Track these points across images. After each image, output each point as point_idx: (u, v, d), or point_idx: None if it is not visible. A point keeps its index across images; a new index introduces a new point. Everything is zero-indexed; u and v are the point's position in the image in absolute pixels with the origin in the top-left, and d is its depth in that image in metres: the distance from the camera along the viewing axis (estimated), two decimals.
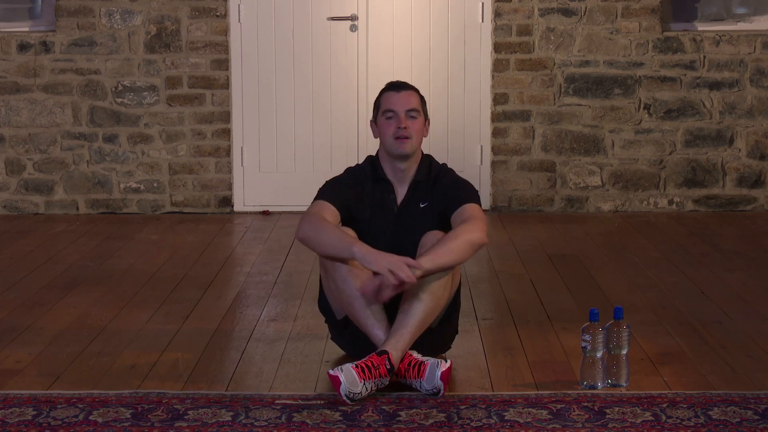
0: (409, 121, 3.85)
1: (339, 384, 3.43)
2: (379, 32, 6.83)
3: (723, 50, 6.79)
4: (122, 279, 5.21)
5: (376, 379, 3.48)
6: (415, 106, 3.87)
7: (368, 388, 3.48)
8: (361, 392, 3.47)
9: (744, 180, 6.87)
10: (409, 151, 3.85)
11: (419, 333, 3.61)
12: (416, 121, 3.86)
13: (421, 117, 3.89)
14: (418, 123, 3.86)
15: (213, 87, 6.84)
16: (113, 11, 6.76)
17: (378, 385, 3.51)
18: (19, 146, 6.85)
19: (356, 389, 3.45)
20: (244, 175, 6.94)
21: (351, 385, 3.44)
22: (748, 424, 3.29)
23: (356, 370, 3.45)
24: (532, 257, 5.64)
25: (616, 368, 3.62)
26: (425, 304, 3.61)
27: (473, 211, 3.76)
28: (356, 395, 3.46)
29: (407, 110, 3.86)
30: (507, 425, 3.29)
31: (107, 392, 3.57)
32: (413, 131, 3.84)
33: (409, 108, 3.86)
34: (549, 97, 6.83)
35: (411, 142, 3.83)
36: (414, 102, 3.88)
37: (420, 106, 3.90)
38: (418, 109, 3.88)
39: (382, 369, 3.48)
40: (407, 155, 3.86)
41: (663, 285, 5.03)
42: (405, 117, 3.85)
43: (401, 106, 3.86)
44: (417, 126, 3.85)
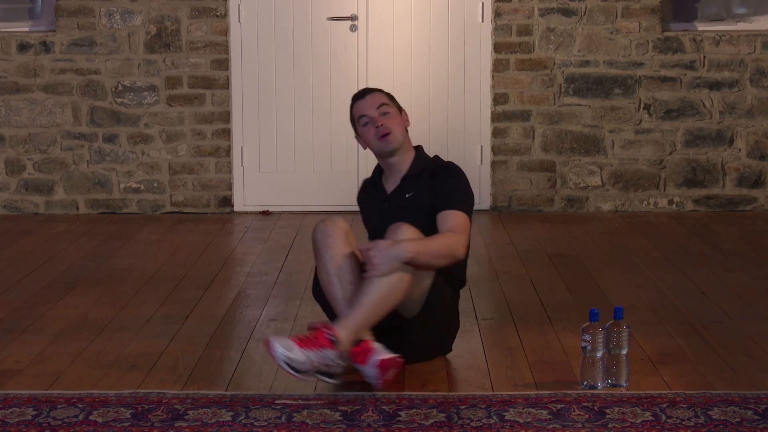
0: (384, 117, 3.96)
1: (272, 349, 3.46)
2: (379, 32, 6.83)
3: (723, 50, 6.79)
4: (122, 279, 5.21)
5: (317, 349, 3.50)
6: (383, 101, 4.00)
7: (311, 359, 3.49)
8: (305, 362, 3.48)
9: (744, 180, 6.88)
10: (395, 144, 3.95)
11: (374, 315, 3.63)
12: (390, 115, 3.97)
13: (394, 109, 4.00)
14: (393, 116, 3.98)
15: (213, 87, 6.84)
16: (113, 11, 6.76)
17: (324, 358, 3.51)
18: (19, 146, 6.85)
19: (294, 356, 3.47)
20: (244, 175, 6.94)
21: (287, 350, 3.46)
22: (748, 424, 3.29)
23: (293, 338, 3.51)
24: (532, 257, 5.64)
25: (616, 368, 3.62)
26: (379, 288, 3.64)
27: (459, 223, 3.80)
28: (298, 364, 3.47)
29: (377, 108, 3.98)
30: (507, 425, 3.29)
31: (107, 392, 3.57)
32: (391, 124, 3.95)
33: (377, 105, 3.98)
34: (549, 97, 6.83)
35: (394, 135, 3.95)
36: (380, 99, 4.01)
37: (389, 100, 4.03)
38: (387, 102, 4.00)
39: (322, 339, 3.52)
40: (394, 149, 3.96)
41: (663, 285, 5.03)
42: (378, 115, 3.97)
43: (371, 107, 4.00)
44: (393, 120, 3.97)
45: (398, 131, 3.95)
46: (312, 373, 3.53)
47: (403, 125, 3.99)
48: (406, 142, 4.00)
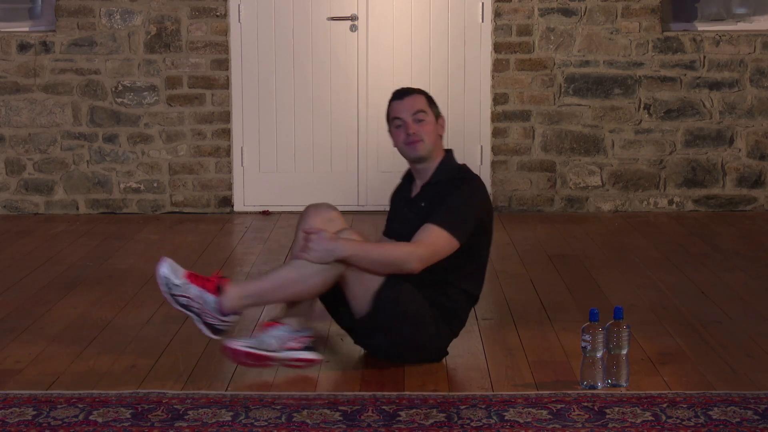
0: (417, 124, 3.88)
1: (159, 265, 3.67)
2: (379, 32, 6.83)
3: (723, 50, 6.79)
4: (122, 279, 5.21)
5: (199, 287, 3.67)
6: (420, 107, 3.90)
7: (189, 292, 3.66)
8: (182, 289, 3.65)
9: (744, 180, 6.88)
10: (423, 153, 3.89)
11: (272, 291, 3.72)
12: (425, 122, 3.88)
13: (431, 116, 3.91)
14: (427, 124, 3.89)
15: (213, 87, 6.84)
16: (113, 11, 6.76)
17: (201, 299, 3.65)
18: (19, 146, 6.85)
19: (175, 281, 3.66)
20: (244, 175, 6.94)
21: (172, 272, 3.66)
22: (748, 424, 3.29)
23: (188, 270, 3.71)
24: (532, 257, 5.64)
25: (616, 368, 3.62)
26: (286, 272, 3.73)
27: (429, 239, 3.70)
28: (174, 287, 3.65)
29: (413, 114, 3.89)
30: (507, 425, 3.29)
31: (107, 392, 3.58)
32: (424, 133, 3.87)
33: (414, 111, 3.89)
34: (549, 97, 6.83)
35: (424, 144, 3.88)
36: (419, 104, 3.90)
37: (427, 106, 3.92)
38: (425, 109, 3.90)
39: (211, 284, 3.68)
40: (422, 157, 3.91)
41: (663, 285, 5.03)
42: (412, 121, 3.88)
43: (407, 111, 3.90)
44: (427, 127, 3.88)
45: (429, 140, 3.88)
46: (188, 309, 3.69)
47: (436, 133, 3.92)
48: (437, 149, 3.93)
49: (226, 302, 3.70)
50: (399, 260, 3.68)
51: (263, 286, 3.76)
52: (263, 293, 3.76)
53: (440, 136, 3.95)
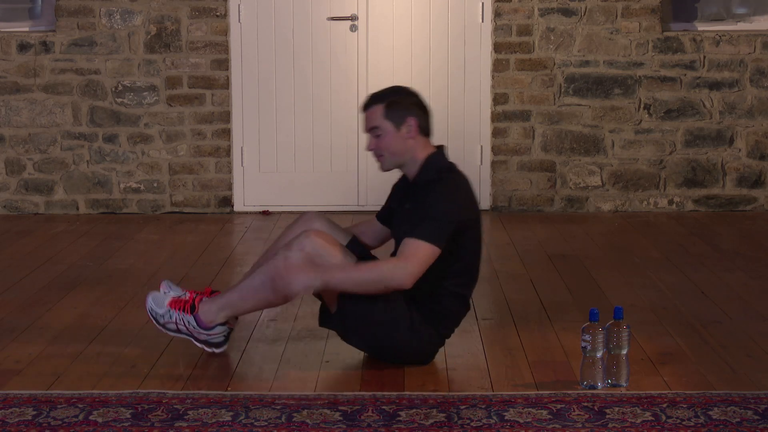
0: (375, 140, 3.83)
1: (146, 299, 3.94)
2: (379, 32, 6.83)
3: (723, 50, 6.79)
4: (122, 279, 5.21)
5: (179, 311, 3.87)
6: (373, 123, 3.82)
7: (174, 319, 3.88)
8: (167, 316, 3.88)
9: (744, 180, 6.88)
10: (388, 167, 3.88)
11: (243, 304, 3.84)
12: (382, 137, 3.82)
13: (388, 127, 3.81)
14: (384, 139, 3.81)
15: (213, 87, 6.84)
16: (113, 11, 6.76)
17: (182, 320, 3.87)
18: (19, 146, 6.85)
19: (159, 311, 3.90)
20: (244, 175, 6.94)
21: (155, 305, 3.91)
22: (748, 424, 3.29)
23: (173, 297, 3.92)
24: (532, 257, 5.64)
25: (616, 368, 3.62)
26: (251, 280, 3.82)
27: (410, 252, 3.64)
28: (160, 317, 3.90)
29: (368, 131, 3.85)
30: (507, 425, 3.29)
31: (107, 392, 3.58)
32: (381, 148, 3.83)
33: (369, 128, 3.84)
34: (549, 97, 6.83)
35: (385, 159, 3.85)
36: (372, 119, 3.83)
37: (383, 118, 3.81)
38: (377, 125, 3.81)
39: (187, 305, 3.87)
40: (388, 170, 3.91)
41: (663, 285, 5.03)
42: (371, 137, 3.85)
43: (365, 126, 3.87)
44: (384, 141, 3.81)
45: (390, 154, 3.81)
46: (179, 333, 3.91)
47: (398, 142, 3.80)
48: (412, 153, 3.83)
49: (203, 318, 3.86)
50: (386, 278, 3.64)
51: (233, 297, 3.86)
52: (234, 304, 3.86)
53: (412, 137, 3.83)
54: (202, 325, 3.87)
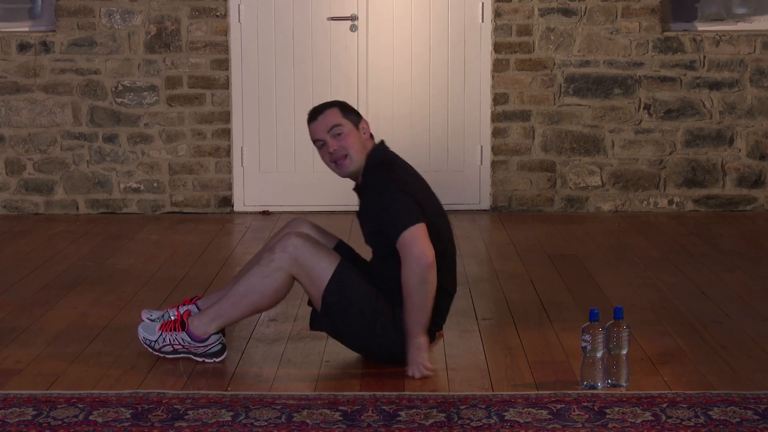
0: (337, 139, 3.84)
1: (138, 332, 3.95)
2: (379, 32, 6.83)
3: (723, 50, 6.79)
4: (122, 279, 5.21)
5: (170, 332, 3.88)
6: (334, 122, 3.84)
7: (168, 341, 3.88)
8: (160, 341, 3.89)
9: (744, 180, 6.88)
10: (352, 168, 3.88)
11: (231, 311, 3.84)
12: (344, 135, 3.84)
13: (349, 126, 3.85)
14: (347, 136, 3.84)
15: (213, 87, 6.84)
16: (113, 11, 6.76)
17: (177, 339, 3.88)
18: (19, 146, 6.85)
19: (152, 338, 3.91)
20: (244, 175, 6.94)
21: (147, 333, 3.93)
22: (748, 424, 3.29)
23: (162, 322, 3.94)
24: (532, 257, 5.64)
25: (616, 368, 3.62)
26: (237, 287, 3.84)
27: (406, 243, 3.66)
28: (155, 343, 3.90)
29: (329, 130, 3.84)
30: (507, 425, 3.29)
31: (107, 392, 3.58)
32: (347, 147, 3.84)
33: (329, 127, 3.84)
34: (549, 97, 6.83)
35: (350, 159, 3.86)
36: (332, 119, 3.85)
37: (341, 117, 3.85)
38: (339, 122, 3.84)
39: (177, 324, 3.89)
40: (351, 173, 3.91)
41: (663, 285, 5.03)
42: (331, 138, 3.84)
43: (322, 130, 3.86)
44: (348, 139, 3.84)
45: (355, 152, 3.84)
46: (177, 353, 3.90)
47: (359, 141, 3.85)
48: (366, 153, 3.88)
49: (196, 332, 3.88)
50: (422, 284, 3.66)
51: (222, 307, 3.87)
52: (225, 313, 3.87)
53: (367, 137, 3.90)
54: (197, 339, 3.87)
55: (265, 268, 3.77)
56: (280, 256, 3.74)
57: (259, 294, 3.78)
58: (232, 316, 3.87)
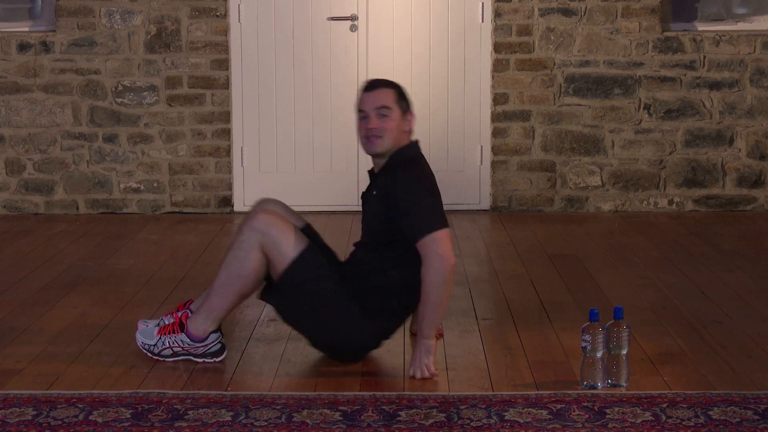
0: (380, 120, 3.82)
1: (136, 337, 3.95)
2: (379, 32, 6.83)
3: (723, 50, 6.79)
4: (122, 279, 5.21)
5: (169, 335, 3.88)
6: (385, 103, 3.82)
7: (167, 344, 3.88)
8: (159, 344, 3.89)
9: (744, 180, 6.88)
10: (380, 150, 3.85)
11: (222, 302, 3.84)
12: (388, 118, 3.82)
13: (396, 112, 3.83)
14: (390, 120, 3.82)
15: (213, 87, 6.84)
16: (113, 11, 6.76)
17: (176, 341, 3.86)
18: (19, 146, 6.85)
19: (150, 342, 3.91)
20: (244, 175, 6.94)
21: (145, 337, 3.92)
22: (748, 424, 3.29)
23: (159, 326, 3.93)
24: (532, 257, 5.64)
25: (616, 368, 3.62)
26: (219, 278, 3.84)
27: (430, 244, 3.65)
28: (153, 347, 3.90)
29: (376, 108, 3.82)
30: (507, 425, 3.29)
31: (107, 392, 3.58)
32: (384, 129, 3.81)
33: (378, 106, 3.82)
34: (549, 97, 6.83)
35: (382, 141, 3.82)
36: (385, 99, 3.83)
37: (394, 102, 3.84)
38: (389, 105, 3.82)
39: (175, 326, 3.88)
40: (378, 154, 3.87)
41: (663, 285, 5.03)
42: (375, 116, 3.82)
43: (371, 105, 3.83)
44: (389, 123, 3.82)
45: (389, 137, 3.82)
46: (177, 355, 3.89)
47: (399, 129, 3.84)
48: (399, 143, 3.86)
49: (194, 332, 3.88)
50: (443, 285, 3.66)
51: (212, 302, 3.88)
52: (216, 307, 3.87)
53: (407, 131, 3.89)
54: (196, 339, 3.87)
55: (239, 252, 3.78)
56: (249, 235, 3.77)
57: (240, 278, 3.79)
58: (224, 308, 3.87)
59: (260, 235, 3.76)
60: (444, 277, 3.65)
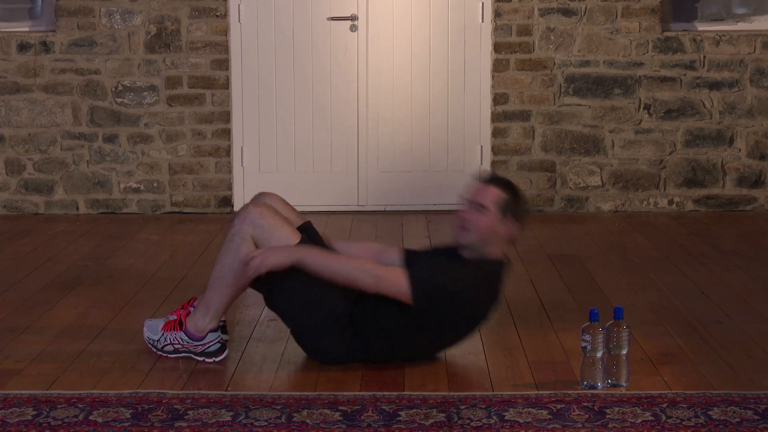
0: (473, 213, 3.76)
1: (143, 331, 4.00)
2: (379, 32, 6.83)
3: (723, 50, 6.79)
4: (122, 279, 5.21)
5: (171, 332, 3.91)
6: (484, 201, 3.74)
7: (168, 341, 3.90)
8: (162, 340, 3.92)
9: (744, 180, 6.88)
10: (462, 241, 3.80)
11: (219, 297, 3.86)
12: (481, 216, 3.74)
13: (493, 215, 3.73)
14: (483, 219, 3.74)
15: (213, 87, 6.84)
16: (113, 11, 6.76)
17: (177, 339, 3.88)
18: (19, 146, 6.85)
19: (154, 337, 3.94)
20: (244, 175, 6.94)
21: (150, 332, 3.96)
22: (748, 424, 3.29)
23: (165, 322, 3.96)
24: (532, 257, 5.64)
25: (616, 368, 3.62)
26: (214, 273, 3.86)
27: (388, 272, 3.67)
28: (157, 343, 3.93)
29: (475, 201, 3.76)
30: (507, 425, 3.29)
31: (107, 392, 3.58)
32: (474, 224, 3.75)
33: (477, 201, 3.76)
34: (549, 97, 6.83)
35: (467, 234, 3.77)
36: (486, 197, 3.75)
37: (495, 203, 3.74)
38: (487, 205, 3.73)
39: (176, 323, 3.91)
40: (461, 245, 3.82)
41: (663, 285, 5.03)
42: (471, 208, 3.76)
43: (472, 196, 3.79)
44: (480, 221, 3.75)
45: (476, 234, 3.75)
46: (179, 352, 3.91)
47: (492, 231, 3.74)
48: (487, 246, 3.77)
49: (193, 330, 3.89)
50: (355, 274, 3.68)
51: (209, 297, 3.89)
52: (213, 302, 3.88)
53: (503, 237, 3.78)
54: (195, 337, 3.88)
55: (230, 244, 3.80)
56: (240, 228, 3.79)
57: (233, 270, 3.80)
58: (221, 302, 3.87)
59: (252, 228, 3.78)
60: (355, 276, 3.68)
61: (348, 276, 3.71)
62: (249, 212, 3.81)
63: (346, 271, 3.71)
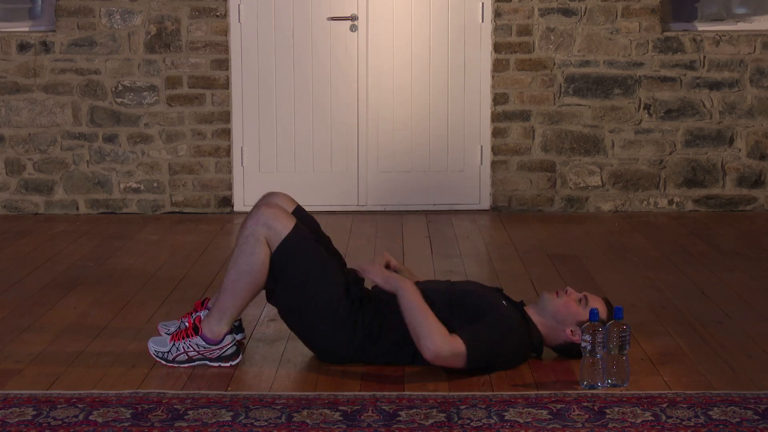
0: (567, 294, 3.86)
1: (148, 348, 3.88)
2: (379, 32, 6.83)
3: (723, 50, 6.79)
4: (122, 279, 5.21)
5: (183, 340, 3.82)
6: (591, 301, 3.82)
7: (181, 350, 3.83)
8: (173, 351, 3.83)
9: (744, 180, 6.88)
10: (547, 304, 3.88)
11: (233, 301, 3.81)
12: (579, 306, 3.82)
13: (586, 311, 3.77)
14: (579, 308, 3.80)
15: (213, 87, 6.84)
16: (113, 11, 6.76)
17: (191, 346, 3.82)
18: (19, 146, 6.85)
19: (163, 349, 3.84)
20: (244, 175, 6.94)
21: (158, 345, 3.86)
22: (748, 424, 3.29)
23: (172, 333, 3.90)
24: (532, 257, 5.64)
25: (616, 368, 3.62)
26: (228, 276, 3.82)
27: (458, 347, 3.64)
28: (168, 354, 3.84)
29: (584, 296, 3.84)
30: (507, 425, 3.29)
31: (107, 392, 3.58)
32: (567, 300, 3.83)
33: (587, 297, 3.84)
34: (549, 97, 6.83)
35: (556, 302, 3.85)
36: (596, 301, 3.83)
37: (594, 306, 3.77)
38: (590, 304, 3.80)
39: (190, 330, 3.83)
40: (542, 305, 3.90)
41: (663, 285, 5.03)
42: (576, 292, 3.87)
43: (588, 294, 3.87)
44: (568, 300, 3.82)
45: (562, 306, 3.82)
46: (192, 360, 3.84)
47: (573, 315, 3.79)
48: (556, 319, 3.83)
49: (209, 334, 3.84)
50: (426, 333, 3.63)
51: (224, 301, 3.85)
52: (229, 306, 3.85)
53: (566, 326, 3.82)
54: (212, 342, 3.83)
55: (245, 246, 3.79)
56: (253, 229, 3.78)
57: (249, 273, 3.78)
58: (236, 306, 3.84)
59: (265, 229, 3.77)
60: (423, 341, 3.63)
61: (420, 331, 3.64)
62: (262, 213, 3.79)
63: (425, 328, 3.64)
